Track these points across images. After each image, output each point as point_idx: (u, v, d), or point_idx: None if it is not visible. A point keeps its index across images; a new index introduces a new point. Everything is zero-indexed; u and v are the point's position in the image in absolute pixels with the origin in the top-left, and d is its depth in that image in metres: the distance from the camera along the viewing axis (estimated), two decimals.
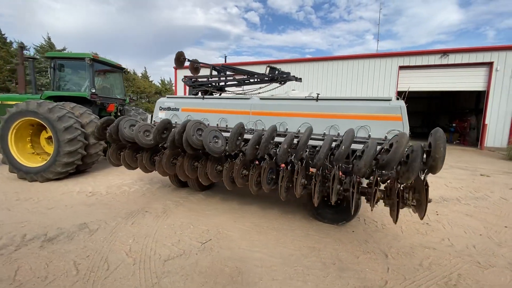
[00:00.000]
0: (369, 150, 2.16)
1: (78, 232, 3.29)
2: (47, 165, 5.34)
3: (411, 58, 14.61)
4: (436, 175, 5.07)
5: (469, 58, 13.52)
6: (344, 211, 3.66)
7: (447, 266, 2.78)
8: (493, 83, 13.22)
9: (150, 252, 2.87)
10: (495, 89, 13.24)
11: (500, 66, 12.98)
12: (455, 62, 13.74)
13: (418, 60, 14.44)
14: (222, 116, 4.26)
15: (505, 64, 12.94)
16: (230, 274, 2.53)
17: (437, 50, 14.03)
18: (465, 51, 13.63)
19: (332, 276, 2.54)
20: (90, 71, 6.38)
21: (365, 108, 3.38)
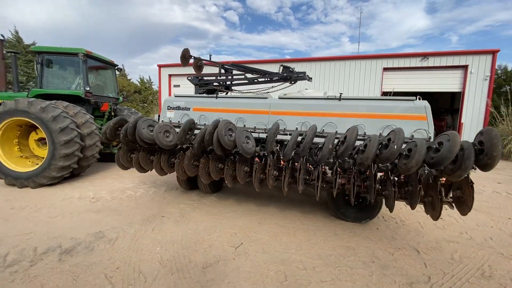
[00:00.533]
0: (420, 149, 2.19)
1: (96, 242, 3.03)
2: (40, 170, 4.89)
3: (394, 60, 15.30)
4: None
5: (446, 61, 14.43)
6: (366, 210, 3.72)
7: (476, 258, 2.91)
8: (468, 84, 14.22)
9: (184, 260, 2.71)
10: (469, 90, 14.25)
11: (474, 69, 13.99)
12: (434, 65, 14.60)
13: (400, 62, 15.16)
14: (239, 116, 4.14)
15: (478, 67, 13.97)
16: (276, 278, 2.45)
17: (418, 53, 14.82)
18: (443, 55, 14.53)
19: (376, 274, 2.56)
20: (83, 67, 5.93)
21: (389, 108, 3.45)
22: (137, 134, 3.38)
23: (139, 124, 3.38)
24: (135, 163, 3.92)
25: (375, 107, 3.53)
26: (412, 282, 2.44)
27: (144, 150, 3.84)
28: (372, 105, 3.56)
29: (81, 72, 5.94)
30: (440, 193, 2.47)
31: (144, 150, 3.84)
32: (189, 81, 5.70)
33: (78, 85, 6.30)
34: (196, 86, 5.63)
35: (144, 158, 3.83)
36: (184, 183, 4.98)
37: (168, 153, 3.78)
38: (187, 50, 5.62)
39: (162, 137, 3.37)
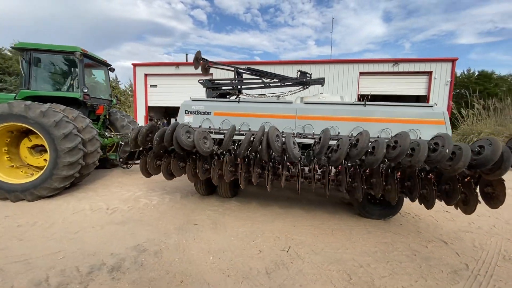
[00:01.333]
0: (466, 152, 2.49)
1: (141, 256, 2.88)
2: (40, 180, 4.42)
3: (369, 65, 16.42)
4: None
5: (414, 67, 15.90)
6: (389, 207, 4.03)
7: (492, 244, 3.35)
8: (432, 88, 15.82)
9: (244, 267, 2.71)
10: (433, 93, 15.87)
11: (437, 75, 15.62)
12: (403, 70, 15.98)
13: (375, 67, 16.32)
14: (265, 121, 4.19)
15: (440, 73, 15.63)
16: (341, 277, 2.58)
17: (390, 59, 16.10)
18: (411, 61, 15.98)
19: (424, 266, 2.82)
20: (80, 67, 5.46)
21: (411, 113, 3.78)
22: (176, 140, 3.26)
23: (179, 130, 3.26)
24: (164, 170, 3.77)
25: (397, 113, 3.84)
26: (455, 270, 2.75)
27: (175, 157, 3.71)
28: (394, 111, 3.87)
29: (78, 73, 5.46)
30: (475, 190, 2.82)
31: (175, 156, 3.71)
32: (201, 84, 5.59)
33: (70, 86, 5.79)
34: (209, 90, 5.53)
35: (176, 164, 3.71)
36: (203, 189, 4.87)
37: (203, 159, 3.70)
38: (199, 52, 5.52)
39: (202, 144, 3.30)
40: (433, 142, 2.73)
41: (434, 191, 2.93)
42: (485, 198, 2.84)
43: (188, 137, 3.37)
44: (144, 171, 3.85)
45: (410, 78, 16.23)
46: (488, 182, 2.81)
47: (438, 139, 2.70)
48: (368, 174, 3.38)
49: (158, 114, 24.06)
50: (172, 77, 19.79)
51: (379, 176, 3.17)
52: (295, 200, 4.90)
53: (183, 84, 19.80)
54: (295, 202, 4.81)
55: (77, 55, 5.30)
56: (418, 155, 2.61)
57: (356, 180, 3.35)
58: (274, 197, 5.02)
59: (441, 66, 15.56)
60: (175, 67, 19.40)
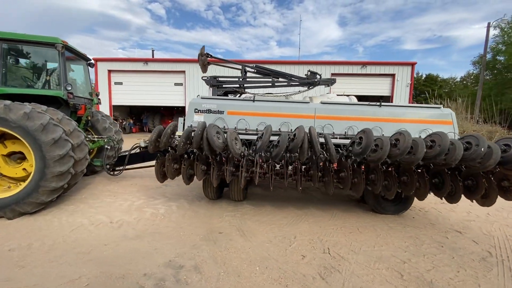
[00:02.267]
0: (496, 151, 2.73)
1: (181, 273, 2.59)
2: (23, 194, 3.72)
3: (340, 67, 17.31)
4: None
5: (380, 70, 17.21)
6: (402, 203, 4.26)
7: (497, 231, 3.74)
8: (395, 90, 17.30)
9: (296, 275, 2.60)
10: (396, 94, 17.37)
11: (399, 77, 17.13)
12: (371, 72, 17.20)
13: (345, 69, 17.27)
14: (284, 120, 4.11)
15: (402, 75, 17.16)
16: (393, 275, 2.63)
17: (359, 62, 17.19)
18: (377, 64, 17.25)
19: (456, 256, 3.02)
20: (62, 61, 4.71)
21: (422, 114, 4.04)
22: (207, 142, 3.00)
23: (210, 131, 3.01)
24: (186, 173, 3.47)
25: (409, 113, 4.07)
26: (483, 258, 3.00)
27: (199, 160, 3.43)
28: (407, 112, 4.10)
29: (60, 68, 4.72)
30: (494, 183, 3.11)
31: (198, 159, 3.43)
32: (205, 81, 5.28)
33: (45, 83, 5.00)
34: (214, 88, 5.26)
35: (199, 168, 3.43)
36: (213, 193, 4.60)
37: (232, 162, 3.48)
38: (203, 48, 5.21)
39: (234, 145, 3.10)
40: (465, 141, 2.93)
41: (460, 186, 3.16)
42: (502, 191, 3.14)
43: (218, 138, 3.14)
44: (160, 175, 3.51)
45: (376, 80, 17.53)
46: (503, 176, 3.12)
47: (470, 138, 2.91)
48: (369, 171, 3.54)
49: (123, 114, 22.29)
50: (139, 74, 18.51)
51: (388, 174, 3.33)
52: (304, 200, 4.90)
53: (153, 82, 18.65)
54: (306, 201, 4.81)
55: (58, 47, 4.57)
56: (455, 154, 2.78)
57: (357, 176, 3.46)
58: (283, 198, 4.97)
59: (403, 69, 17.10)
60: (143, 63, 18.17)
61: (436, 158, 2.83)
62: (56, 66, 5.08)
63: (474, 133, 3.00)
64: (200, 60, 5.27)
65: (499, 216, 4.32)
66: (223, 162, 3.65)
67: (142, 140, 5.72)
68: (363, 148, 2.95)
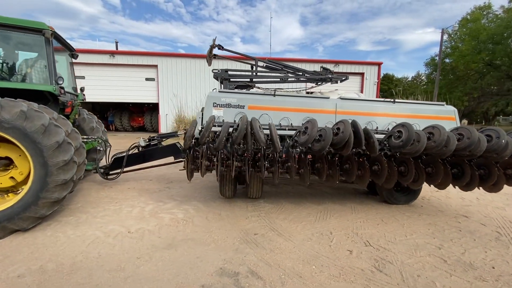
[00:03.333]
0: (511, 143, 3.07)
1: (240, 281, 2.43)
2: (20, 208, 3.13)
3: (315, 65, 17.86)
4: None
5: (351, 68, 18.20)
6: (412, 193, 4.57)
7: (493, 213, 4.24)
8: (364, 88, 18.48)
9: (354, 270, 2.63)
10: (365, 92, 18.55)
11: (368, 76, 18.35)
12: (343, 71, 18.08)
13: (316, 67, 17.87)
14: (306, 115, 4.10)
15: (370, 74, 18.40)
16: (439, 261, 2.81)
17: (333, 60, 17.95)
18: (348, 63, 18.21)
19: (477, 238, 3.34)
20: (50, 51, 4.03)
21: (429, 110, 4.36)
22: (255, 137, 2.89)
23: (256, 126, 2.90)
24: (216, 170, 3.30)
25: (420, 110, 4.37)
26: (496, 238, 3.37)
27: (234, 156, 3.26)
28: (416, 108, 4.39)
29: (47, 58, 4.03)
30: (502, 172, 3.51)
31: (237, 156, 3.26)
32: (215, 74, 5.04)
33: (27, 75, 4.26)
34: (225, 81, 5.05)
35: (234, 164, 3.27)
36: (230, 191, 4.42)
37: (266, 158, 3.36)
38: (215, 39, 4.96)
39: (278, 140, 3.03)
40: (485, 134, 3.24)
41: (477, 176, 3.50)
42: (507, 178, 3.55)
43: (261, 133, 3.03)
44: (190, 172, 3.31)
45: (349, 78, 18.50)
46: (508, 165, 3.53)
47: (491, 131, 3.22)
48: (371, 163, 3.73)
49: None
50: (105, 68, 16.92)
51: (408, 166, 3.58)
52: (316, 195, 4.99)
53: (120, 77, 17.19)
54: (319, 197, 4.90)
55: (47, 34, 3.90)
56: (480, 146, 3.07)
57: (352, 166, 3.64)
58: (294, 194, 5.00)
59: (371, 69, 18.34)
60: (109, 56, 16.65)
61: (465, 150, 3.09)
62: (35, 55, 4.37)
63: (495, 127, 3.34)
64: (209, 52, 5.02)
65: (487, 200, 4.90)
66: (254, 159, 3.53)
67: (141, 139, 5.27)
68: (404, 141, 3.08)
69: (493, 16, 21.32)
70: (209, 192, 5.13)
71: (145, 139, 5.38)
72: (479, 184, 3.63)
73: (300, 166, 3.42)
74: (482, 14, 21.90)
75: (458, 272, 2.62)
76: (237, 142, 3.10)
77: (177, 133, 5.53)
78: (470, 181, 3.54)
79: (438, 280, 2.48)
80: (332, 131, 3.10)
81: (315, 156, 3.61)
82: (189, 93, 17.09)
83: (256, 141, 3.05)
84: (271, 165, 3.42)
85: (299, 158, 3.49)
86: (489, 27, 20.05)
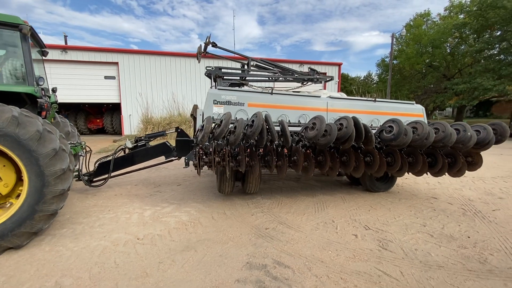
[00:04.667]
0: (474, 135, 3.74)
1: (271, 271, 2.58)
2: (13, 224, 2.82)
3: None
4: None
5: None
6: (389, 182, 5.18)
7: (454, 194, 5.04)
8: (326, 87, 19.67)
9: (365, 251, 2.98)
10: (327, 91, 19.79)
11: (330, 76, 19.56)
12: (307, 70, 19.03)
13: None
14: (302, 113, 4.39)
15: (331, 74, 19.66)
16: (428, 238, 3.31)
17: (298, 60, 18.76)
18: (312, 63, 19.20)
19: (449, 215, 3.98)
20: (26, 49, 3.60)
21: (404, 108, 4.99)
22: (271, 132, 3.10)
23: (270, 122, 3.10)
24: (227, 166, 3.41)
25: (394, 108, 4.96)
26: (463, 213, 4.06)
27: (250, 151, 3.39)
28: (392, 106, 4.98)
29: (24, 56, 3.59)
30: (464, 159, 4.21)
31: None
32: (209, 71, 5.05)
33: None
34: (219, 79, 5.09)
35: (244, 158, 3.45)
36: (230, 187, 4.49)
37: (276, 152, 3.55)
38: (209, 36, 4.97)
39: (289, 135, 3.29)
40: (454, 128, 3.87)
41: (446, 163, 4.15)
42: (468, 164, 4.28)
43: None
44: (201, 168, 3.42)
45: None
46: (467, 153, 4.26)
47: (458, 126, 3.86)
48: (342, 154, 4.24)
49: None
50: (55, 65, 15.22)
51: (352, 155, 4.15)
52: (308, 189, 5.35)
53: (74, 75, 15.65)
54: (311, 190, 5.27)
55: (25, 29, 3.48)
56: (451, 138, 3.68)
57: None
58: (288, 189, 5.29)
59: (332, 69, 19.63)
60: (60, 51, 15.05)
61: (440, 142, 3.67)
62: (3, 53, 3.89)
63: (463, 122, 4.01)
64: (203, 48, 5.02)
65: (447, 183, 5.79)
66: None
67: (128, 140, 5.05)
68: (395, 135, 3.54)
69: (432, 23, 24.50)
70: (204, 193, 5.13)
71: (131, 140, 5.14)
72: (449, 171, 4.31)
73: (305, 160, 3.67)
74: (423, 20, 25.01)
75: (444, 243, 3.15)
76: (253, 138, 3.24)
77: (165, 132, 5.38)
78: (441, 168, 4.18)
79: (432, 251, 2.96)
80: (336, 126, 3.43)
81: (316, 151, 3.91)
82: (156, 92, 16.32)
83: (271, 136, 3.24)
84: (278, 159, 3.61)
85: (305, 152, 3.75)
86: (429, 32, 23.01)
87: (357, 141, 3.55)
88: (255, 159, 3.51)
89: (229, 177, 4.31)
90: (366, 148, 3.86)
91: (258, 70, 5.73)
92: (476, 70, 18.83)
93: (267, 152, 3.62)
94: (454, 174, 4.34)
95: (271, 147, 3.60)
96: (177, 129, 5.03)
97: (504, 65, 16.86)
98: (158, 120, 14.27)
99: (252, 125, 3.18)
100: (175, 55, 16.79)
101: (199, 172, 3.56)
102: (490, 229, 3.51)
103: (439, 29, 22.42)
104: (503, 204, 4.48)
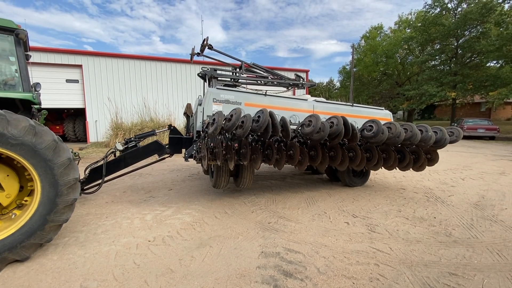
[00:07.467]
0: (433, 136, 4.54)
1: (285, 257, 2.91)
2: (23, 236, 2.73)
3: None
4: None
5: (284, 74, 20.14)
6: (364, 177, 5.89)
7: (417, 184, 5.91)
8: (296, 93, 20.74)
9: (358, 236, 3.48)
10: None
11: None
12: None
13: None
14: (292, 114, 4.85)
15: None
16: (403, 220, 3.95)
17: (267, 67, 19.45)
18: (282, 70, 20.10)
19: (418, 202, 4.73)
20: (21, 54, 3.44)
21: (376, 113, 5.74)
22: (275, 126, 3.56)
23: (275, 117, 3.56)
24: (233, 159, 3.75)
25: (367, 112, 5.69)
26: (427, 200, 4.85)
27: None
28: (366, 110, 5.71)
29: (19, 61, 3.43)
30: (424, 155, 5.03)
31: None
32: (204, 71, 5.31)
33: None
34: (214, 79, 5.39)
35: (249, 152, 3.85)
36: (226, 182, 4.76)
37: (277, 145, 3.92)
38: (207, 38, 5.24)
39: (290, 129, 3.80)
40: (418, 129, 4.63)
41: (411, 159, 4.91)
42: (428, 160, 5.11)
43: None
44: (207, 162, 3.68)
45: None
46: (427, 151, 5.10)
47: (421, 127, 4.63)
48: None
49: None
50: None
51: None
52: (295, 186, 5.82)
53: (37, 78, 14.22)
54: (297, 187, 5.74)
55: (21, 34, 3.36)
56: (417, 137, 4.42)
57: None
58: (276, 188, 5.70)
59: (301, 75, 20.71)
60: None
61: (408, 140, 4.39)
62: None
63: (425, 124, 4.79)
64: (201, 49, 5.30)
65: (410, 176, 6.72)
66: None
67: (117, 143, 5.02)
68: (375, 133, 4.15)
69: (384, 35, 27.41)
70: (199, 196, 5.27)
71: (121, 142, 5.11)
72: (413, 165, 5.09)
73: (300, 154, 4.11)
74: (377, 33, 27.84)
75: (417, 223, 3.80)
76: (260, 132, 3.58)
77: (155, 131, 5.44)
78: (408, 163, 4.95)
79: (410, 230, 3.57)
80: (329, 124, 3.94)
81: (308, 146, 4.38)
82: (125, 97, 15.64)
83: (274, 130, 3.62)
84: (277, 153, 4.01)
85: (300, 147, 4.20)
86: (383, 44, 25.73)
87: (345, 137, 4.09)
88: (257, 152, 3.85)
89: (226, 172, 4.58)
90: (350, 144, 4.43)
91: (249, 73, 6.12)
92: (423, 78, 21.56)
93: (267, 147, 4.00)
94: (417, 168, 5.14)
95: (270, 141, 3.99)
96: (169, 127, 5.19)
97: (444, 74, 19.59)
98: (129, 126, 13.71)
99: (259, 120, 3.53)
100: (145, 59, 16.30)
101: (205, 165, 3.75)
102: (449, 211, 4.30)
103: (391, 41, 25.20)
104: (455, 191, 5.43)
